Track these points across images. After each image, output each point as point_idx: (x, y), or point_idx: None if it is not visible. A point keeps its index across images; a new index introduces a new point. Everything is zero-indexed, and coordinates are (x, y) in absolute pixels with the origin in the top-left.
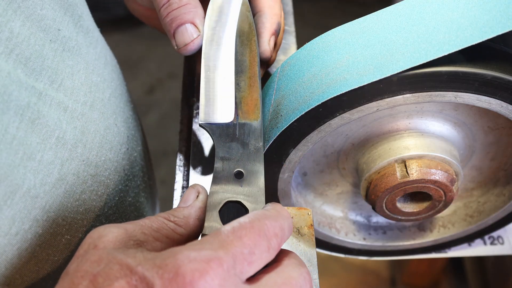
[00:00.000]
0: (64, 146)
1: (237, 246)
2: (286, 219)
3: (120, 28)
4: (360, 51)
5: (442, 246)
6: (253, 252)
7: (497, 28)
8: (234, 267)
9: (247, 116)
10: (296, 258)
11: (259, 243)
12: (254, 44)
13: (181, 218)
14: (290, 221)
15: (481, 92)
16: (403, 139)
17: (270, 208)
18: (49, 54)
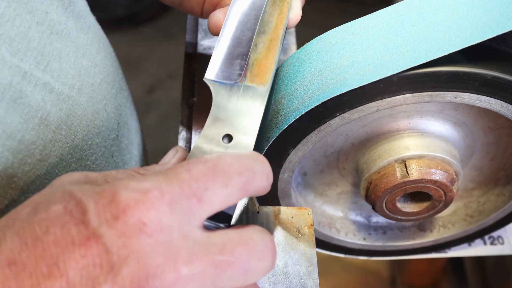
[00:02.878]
0: (47, 127)
1: (184, 178)
2: (259, 162)
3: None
4: (360, 51)
5: (442, 246)
6: (205, 187)
7: (497, 28)
8: (180, 201)
9: (255, 79)
10: (263, 229)
11: (212, 177)
12: (286, 6)
13: (151, 172)
14: (266, 166)
15: (481, 92)
16: (403, 139)
17: (242, 152)
18: (35, 36)
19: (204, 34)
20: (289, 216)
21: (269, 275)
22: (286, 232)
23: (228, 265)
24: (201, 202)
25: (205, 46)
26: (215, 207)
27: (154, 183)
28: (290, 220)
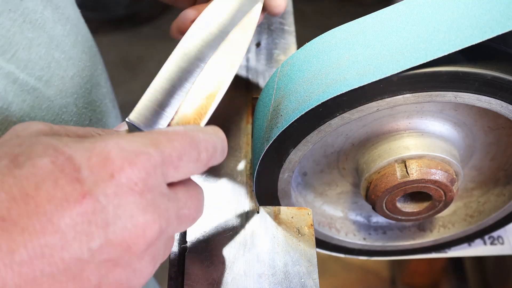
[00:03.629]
0: (7, 118)
1: (167, 147)
2: (221, 141)
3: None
4: (360, 51)
5: (442, 246)
6: (181, 158)
7: (497, 28)
8: (162, 166)
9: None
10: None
11: (189, 151)
12: (239, 58)
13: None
14: (225, 144)
15: (481, 92)
16: (403, 139)
17: (208, 127)
18: (5, 23)
19: None
20: (289, 216)
21: (269, 275)
22: (286, 232)
23: (186, 216)
24: (176, 170)
25: None
26: (184, 175)
27: (143, 147)
28: (290, 220)
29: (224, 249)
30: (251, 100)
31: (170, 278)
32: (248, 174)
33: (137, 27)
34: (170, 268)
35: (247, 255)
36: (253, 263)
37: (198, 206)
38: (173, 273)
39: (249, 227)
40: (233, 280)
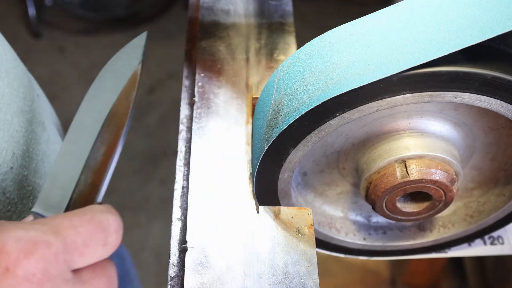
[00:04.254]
0: None
1: (70, 233)
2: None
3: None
4: (360, 51)
5: (442, 246)
6: (87, 244)
7: (497, 28)
8: (64, 254)
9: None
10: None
11: (95, 236)
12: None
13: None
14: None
15: (481, 92)
16: (403, 139)
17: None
18: None
19: (204, 34)
20: (289, 216)
21: (269, 275)
22: (286, 232)
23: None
24: (81, 256)
25: (205, 46)
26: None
27: (42, 235)
28: (290, 220)
29: (224, 249)
30: (251, 100)
31: (170, 278)
32: (248, 174)
33: (137, 27)
34: (170, 268)
35: (247, 255)
36: (253, 263)
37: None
38: (173, 273)
39: (249, 227)
40: (233, 280)
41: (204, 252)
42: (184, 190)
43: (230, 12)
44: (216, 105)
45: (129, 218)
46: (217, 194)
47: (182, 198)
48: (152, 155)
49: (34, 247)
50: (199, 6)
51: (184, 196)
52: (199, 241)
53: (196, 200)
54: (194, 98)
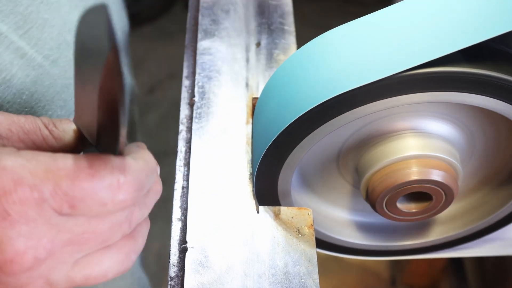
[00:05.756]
0: (8, 88)
1: (64, 185)
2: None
3: None
4: (360, 51)
5: (442, 246)
6: (82, 200)
7: (498, 28)
8: (50, 202)
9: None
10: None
11: (92, 196)
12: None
13: (59, 131)
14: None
15: (481, 92)
16: (403, 139)
17: (139, 156)
18: (24, 1)
19: (204, 34)
20: (289, 216)
21: (269, 275)
22: (286, 232)
23: (82, 242)
24: (73, 209)
25: (205, 46)
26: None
27: (31, 177)
28: (290, 220)
29: (224, 249)
30: (251, 100)
31: (170, 278)
32: (248, 174)
33: (137, 27)
34: (170, 268)
35: (247, 255)
36: (253, 263)
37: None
38: (173, 273)
39: (249, 227)
40: (233, 280)
41: (204, 252)
42: (184, 190)
43: (230, 12)
44: (216, 105)
45: None
46: (217, 194)
47: (182, 198)
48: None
49: (15, 187)
50: (199, 6)
51: (184, 196)
52: (199, 241)
53: (196, 200)
54: (194, 98)
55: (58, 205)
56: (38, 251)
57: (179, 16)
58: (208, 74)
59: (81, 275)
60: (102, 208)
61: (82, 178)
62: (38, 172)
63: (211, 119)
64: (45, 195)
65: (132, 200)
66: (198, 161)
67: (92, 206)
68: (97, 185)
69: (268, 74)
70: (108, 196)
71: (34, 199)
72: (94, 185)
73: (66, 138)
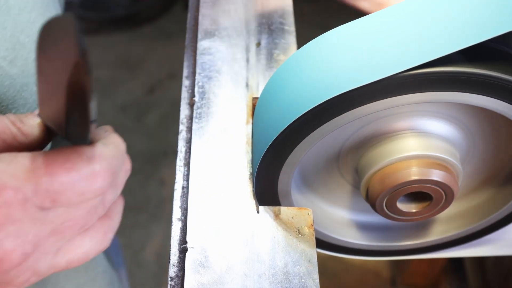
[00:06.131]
0: None
1: (44, 181)
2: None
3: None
4: (361, 51)
5: (442, 246)
6: (63, 193)
7: (498, 29)
8: (34, 199)
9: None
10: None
11: (72, 188)
12: None
13: (28, 126)
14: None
15: (482, 92)
16: (404, 139)
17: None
18: None
19: (204, 34)
20: (289, 216)
21: (269, 275)
22: (286, 232)
23: (62, 230)
24: (54, 203)
25: (205, 46)
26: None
27: (12, 180)
28: (290, 220)
29: (224, 249)
30: (251, 100)
31: (170, 278)
32: (248, 174)
33: (137, 27)
34: (170, 268)
35: (247, 255)
36: (253, 263)
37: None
38: (173, 273)
39: (249, 227)
40: (233, 280)
41: (204, 252)
42: (184, 190)
43: (230, 12)
44: (216, 105)
45: (129, 218)
46: (217, 194)
47: (182, 198)
48: (152, 155)
49: (0, 191)
50: (199, 6)
51: (184, 196)
52: (199, 241)
53: (196, 200)
54: (194, 98)
55: (40, 201)
56: (26, 247)
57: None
58: (208, 74)
59: (64, 260)
60: (81, 197)
61: (61, 173)
62: (19, 175)
63: (211, 119)
64: (28, 195)
65: (108, 186)
66: (198, 161)
67: (72, 197)
68: (75, 177)
69: (268, 74)
70: (86, 186)
71: (18, 201)
72: (72, 177)
73: (34, 133)
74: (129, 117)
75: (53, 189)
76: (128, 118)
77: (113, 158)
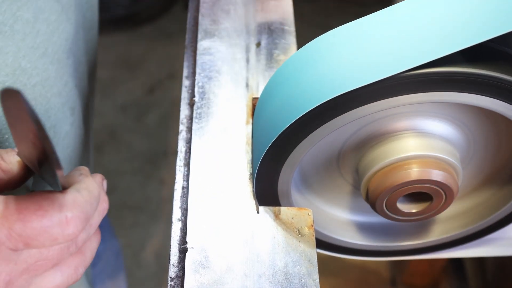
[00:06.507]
0: None
1: (17, 227)
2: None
3: (120, 28)
4: (361, 52)
5: (442, 246)
6: (34, 238)
7: (498, 29)
8: (7, 243)
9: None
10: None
11: (44, 233)
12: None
13: (8, 163)
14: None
15: (482, 92)
16: (404, 139)
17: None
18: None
19: (204, 34)
20: (289, 217)
21: (269, 276)
22: (287, 233)
23: (41, 265)
24: (27, 246)
25: (205, 46)
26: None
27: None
28: (290, 220)
29: (224, 249)
30: (251, 101)
31: (170, 278)
32: (248, 174)
33: (137, 27)
34: (170, 269)
35: (247, 256)
36: (253, 264)
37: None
38: (173, 274)
39: (249, 227)
40: (233, 280)
41: (204, 252)
42: (184, 191)
43: (230, 12)
44: (216, 105)
45: (129, 218)
46: (217, 195)
47: (182, 199)
48: (152, 155)
49: None
50: (200, 5)
51: (184, 196)
52: (199, 241)
53: (196, 201)
54: (194, 98)
55: (14, 245)
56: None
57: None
58: (208, 74)
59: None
60: (53, 242)
61: (33, 220)
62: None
63: (211, 119)
64: (2, 239)
65: (80, 231)
66: (198, 161)
67: (44, 241)
68: (47, 224)
69: (268, 74)
70: (58, 232)
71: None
72: (44, 224)
73: (14, 170)
74: (129, 117)
75: (26, 234)
76: (128, 118)
77: (86, 204)
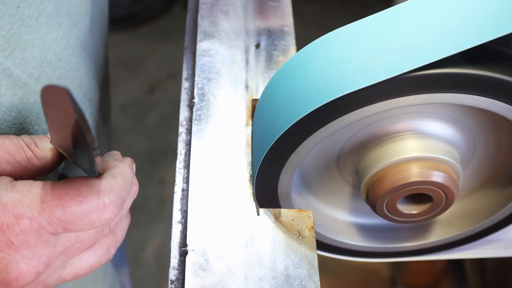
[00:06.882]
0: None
1: (57, 212)
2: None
3: (120, 28)
4: (361, 53)
5: (442, 247)
6: (73, 223)
7: (499, 30)
8: (47, 228)
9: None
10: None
11: (82, 219)
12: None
13: (41, 150)
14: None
15: (482, 93)
16: (404, 141)
17: (117, 173)
18: (6, 25)
19: (203, 36)
20: (290, 219)
21: (270, 278)
22: (287, 235)
23: (72, 251)
24: (67, 231)
25: (204, 48)
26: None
27: (28, 210)
28: (290, 222)
29: (225, 252)
30: (251, 102)
31: (171, 281)
32: (248, 176)
33: (137, 27)
34: (170, 271)
35: (248, 258)
36: (254, 266)
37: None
38: (173, 276)
39: (249, 229)
40: (234, 283)
41: (205, 255)
42: (184, 193)
43: (230, 13)
44: (216, 107)
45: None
46: (217, 197)
47: (182, 201)
48: (152, 155)
49: (17, 221)
50: (199, 7)
51: (184, 198)
52: (199, 244)
53: (196, 203)
54: (193, 100)
55: (54, 229)
56: (39, 267)
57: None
58: (208, 75)
59: (72, 274)
60: (91, 226)
61: (73, 205)
62: (34, 206)
63: (210, 121)
64: (43, 224)
65: (116, 215)
66: (198, 163)
67: (82, 226)
68: (86, 209)
69: (267, 75)
70: (96, 217)
71: (34, 229)
72: (83, 209)
73: (47, 157)
74: (129, 117)
75: (66, 219)
76: (128, 118)
77: (121, 189)
